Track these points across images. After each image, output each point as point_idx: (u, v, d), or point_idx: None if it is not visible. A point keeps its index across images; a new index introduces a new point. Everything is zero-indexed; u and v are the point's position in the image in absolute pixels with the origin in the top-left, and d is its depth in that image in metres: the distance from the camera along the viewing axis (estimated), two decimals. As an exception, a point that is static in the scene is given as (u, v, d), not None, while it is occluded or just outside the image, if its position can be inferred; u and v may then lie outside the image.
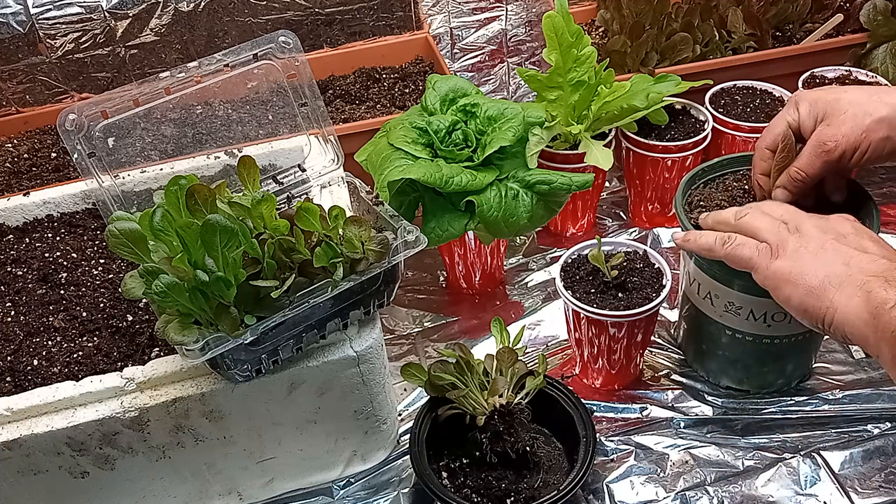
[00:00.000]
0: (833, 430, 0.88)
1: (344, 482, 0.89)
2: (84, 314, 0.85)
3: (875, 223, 0.80)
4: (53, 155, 1.26)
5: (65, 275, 0.90)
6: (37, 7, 1.25)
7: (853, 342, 0.67)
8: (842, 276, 0.67)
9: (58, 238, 0.95)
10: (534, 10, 1.43)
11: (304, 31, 1.38)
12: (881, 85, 1.16)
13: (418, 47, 1.42)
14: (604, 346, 0.91)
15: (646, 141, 1.10)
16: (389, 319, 1.08)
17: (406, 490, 0.87)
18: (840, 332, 0.67)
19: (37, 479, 0.76)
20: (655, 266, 0.92)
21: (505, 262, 1.14)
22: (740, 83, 1.20)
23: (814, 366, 0.95)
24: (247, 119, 0.97)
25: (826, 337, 0.97)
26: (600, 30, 1.42)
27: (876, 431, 0.87)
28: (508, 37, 1.45)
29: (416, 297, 1.12)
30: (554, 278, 0.99)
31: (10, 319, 0.85)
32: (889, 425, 0.88)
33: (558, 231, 1.20)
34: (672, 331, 1.02)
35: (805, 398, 0.91)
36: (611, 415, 0.93)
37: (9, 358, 0.81)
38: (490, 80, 1.47)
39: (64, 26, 1.27)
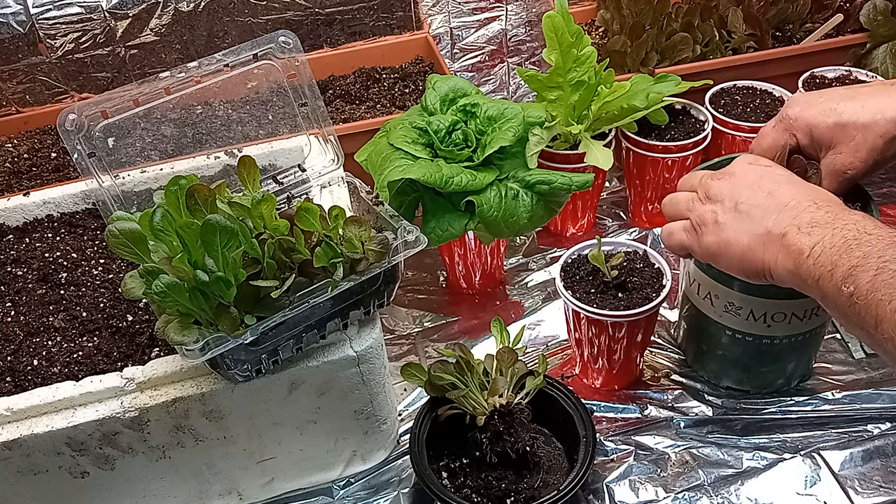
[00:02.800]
0: (833, 430, 0.88)
1: (344, 482, 0.89)
2: (84, 314, 0.85)
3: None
4: (53, 155, 1.26)
5: (65, 275, 0.90)
6: (37, 7, 1.25)
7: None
8: (762, 235, 0.70)
9: (58, 238, 0.95)
10: (534, 10, 1.43)
11: (304, 31, 1.38)
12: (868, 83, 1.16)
13: (418, 47, 1.42)
14: (604, 346, 0.91)
15: (646, 141, 1.10)
16: (389, 319, 1.08)
17: (406, 490, 0.87)
18: (784, 284, 0.70)
19: (37, 479, 0.76)
20: (655, 266, 0.92)
21: (505, 262, 1.14)
22: (740, 83, 1.20)
23: (814, 366, 0.95)
24: (247, 119, 0.97)
25: (826, 337, 0.97)
26: (600, 30, 1.42)
27: (876, 431, 0.87)
28: (508, 37, 1.45)
29: (416, 297, 1.12)
30: (554, 278, 0.99)
31: (10, 319, 0.85)
32: (889, 425, 0.88)
33: (558, 231, 1.20)
34: (672, 331, 1.02)
35: (805, 398, 0.91)
36: (611, 415, 0.93)
37: (9, 358, 0.81)
38: (490, 80, 1.47)
39: (64, 26, 1.27)
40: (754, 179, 0.74)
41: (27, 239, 0.95)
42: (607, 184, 1.27)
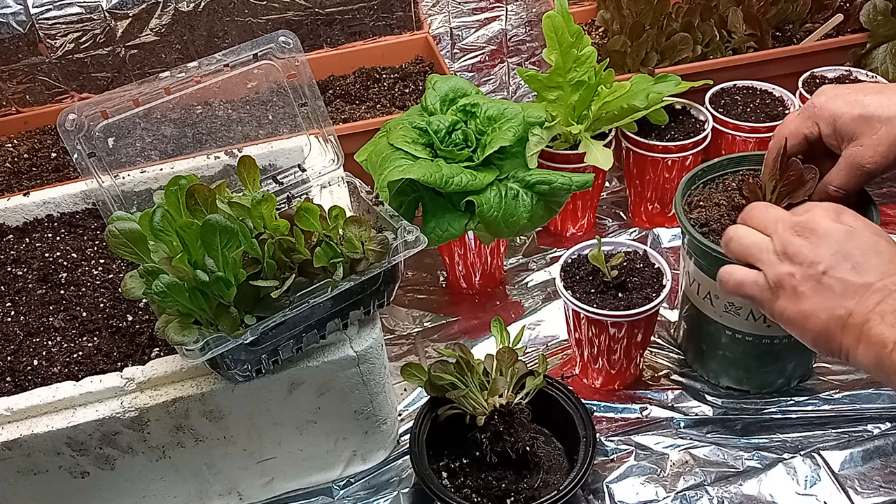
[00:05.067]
0: (833, 430, 0.88)
1: (344, 482, 0.89)
2: (84, 314, 0.85)
3: (875, 223, 0.80)
4: (53, 155, 1.26)
5: (65, 275, 0.90)
6: (37, 7, 1.25)
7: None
8: (843, 317, 0.65)
9: (58, 238, 0.95)
10: (534, 10, 1.43)
11: (304, 31, 1.38)
12: (883, 83, 1.16)
13: (418, 47, 1.42)
14: (604, 346, 0.91)
15: (646, 141, 1.10)
16: (389, 319, 1.08)
17: (406, 490, 0.87)
18: (863, 371, 0.67)
19: (37, 479, 0.76)
20: (655, 266, 0.92)
21: (505, 262, 1.14)
22: (740, 83, 1.20)
23: (814, 366, 0.95)
24: (247, 119, 0.97)
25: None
26: (600, 30, 1.42)
27: (876, 431, 0.87)
28: (508, 37, 1.45)
29: (416, 297, 1.12)
30: (554, 278, 0.99)
31: (10, 319, 0.85)
32: (889, 425, 0.88)
33: (558, 231, 1.20)
34: (672, 331, 1.02)
35: (805, 398, 0.91)
36: (611, 415, 0.93)
37: (9, 358, 0.81)
38: (490, 80, 1.47)
39: (64, 26, 1.27)
40: (839, 244, 0.68)
41: (27, 239, 0.95)
42: (607, 184, 1.27)
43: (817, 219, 0.70)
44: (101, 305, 0.86)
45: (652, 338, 0.97)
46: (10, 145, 1.30)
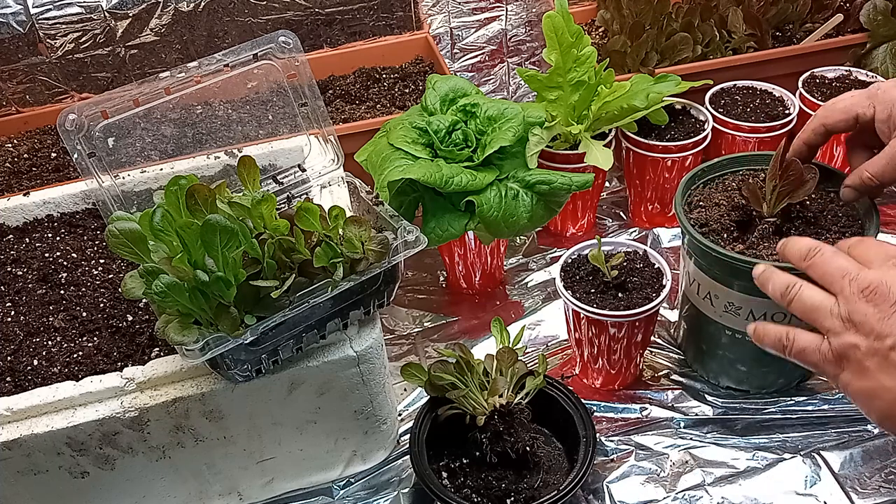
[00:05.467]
0: (833, 430, 0.88)
1: (344, 482, 0.89)
2: (84, 314, 0.85)
3: (875, 223, 0.80)
4: (53, 155, 1.26)
5: (65, 275, 0.90)
6: (37, 7, 1.25)
7: None
8: None
9: (58, 238, 0.95)
10: (534, 10, 1.43)
11: (304, 31, 1.38)
12: None
13: (418, 47, 1.42)
14: (604, 346, 0.91)
15: (646, 141, 1.10)
16: (389, 319, 1.08)
17: (406, 490, 0.87)
18: None
19: (37, 479, 0.76)
20: (655, 266, 0.92)
21: (505, 262, 1.14)
22: (740, 83, 1.20)
23: (814, 366, 0.95)
24: (247, 119, 0.97)
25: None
26: (600, 30, 1.42)
27: (876, 431, 0.87)
28: (508, 37, 1.45)
29: (416, 297, 1.12)
30: (554, 278, 0.99)
31: (10, 319, 0.85)
32: (889, 425, 0.88)
33: (558, 231, 1.20)
34: (672, 331, 1.02)
35: (805, 398, 0.91)
36: (611, 415, 0.93)
37: (9, 358, 0.81)
38: (490, 80, 1.47)
39: (64, 26, 1.27)
40: None
41: (27, 239, 0.95)
42: (607, 184, 1.27)
43: (890, 281, 0.63)
44: (101, 305, 0.86)
45: (652, 338, 0.97)
46: (10, 145, 1.30)
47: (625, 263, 0.92)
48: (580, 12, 1.45)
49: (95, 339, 0.83)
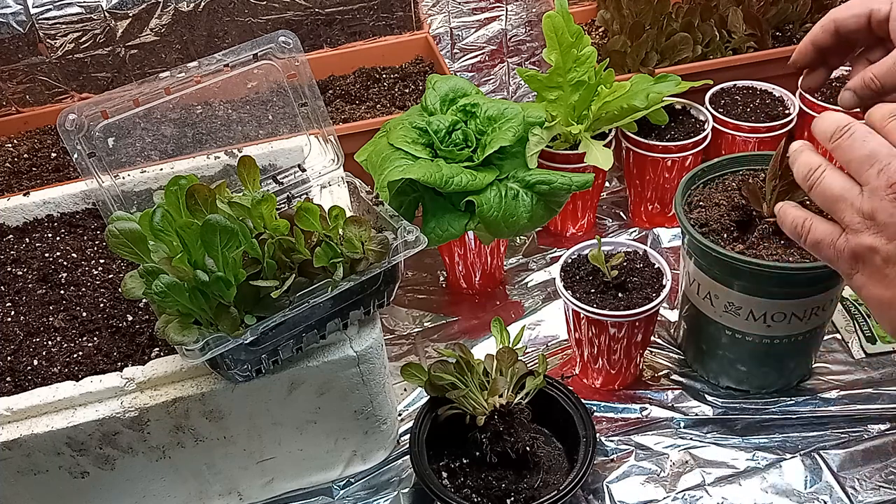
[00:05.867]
0: (833, 430, 0.88)
1: (344, 482, 0.89)
2: (84, 314, 0.85)
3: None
4: (53, 155, 1.26)
5: (65, 275, 0.90)
6: (37, 7, 1.25)
7: None
8: None
9: (58, 238, 0.95)
10: (534, 10, 1.43)
11: (304, 31, 1.38)
12: None
13: (418, 47, 1.42)
14: (604, 346, 0.91)
15: (646, 141, 1.10)
16: (389, 319, 1.08)
17: (406, 490, 0.87)
18: None
19: (37, 479, 0.76)
20: (655, 266, 0.92)
21: (505, 262, 1.14)
22: (740, 83, 1.20)
23: (814, 366, 0.95)
24: (247, 119, 0.97)
25: (826, 337, 0.97)
26: (600, 30, 1.42)
27: (876, 431, 0.87)
28: (508, 37, 1.45)
29: (416, 297, 1.12)
30: (554, 278, 0.99)
31: (10, 319, 0.85)
32: (889, 425, 0.88)
33: (558, 231, 1.20)
34: (672, 331, 1.02)
35: (805, 398, 0.91)
36: (611, 415, 0.93)
37: (9, 358, 0.81)
38: (490, 80, 1.47)
39: (64, 26, 1.27)
40: None
41: (27, 239, 0.95)
42: (607, 184, 1.27)
43: None
44: (101, 305, 0.86)
45: (652, 338, 0.97)
46: (10, 145, 1.30)
47: (625, 263, 0.92)
48: (580, 12, 1.45)
49: (95, 339, 0.83)
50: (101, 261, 0.92)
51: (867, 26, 0.72)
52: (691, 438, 0.89)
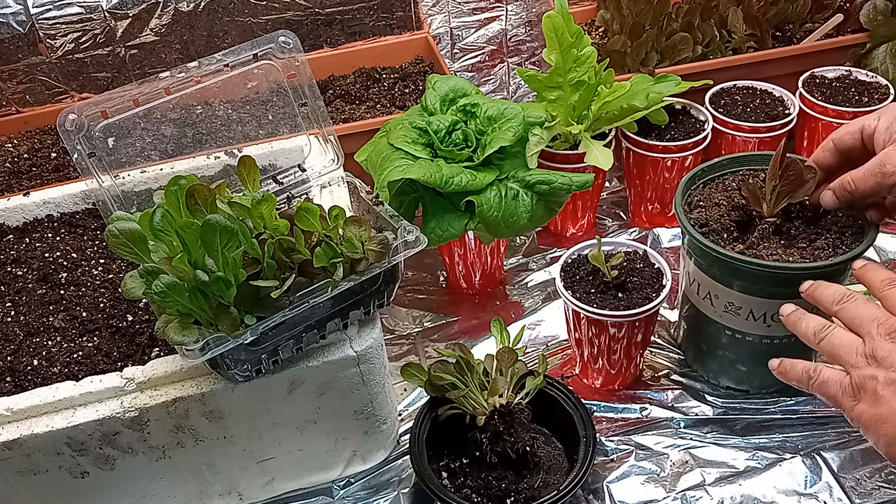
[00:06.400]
0: (833, 430, 0.88)
1: (344, 482, 0.89)
2: (84, 314, 0.85)
3: (874, 225, 0.81)
4: (53, 155, 1.26)
5: (65, 275, 0.90)
6: (37, 7, 1.25)
7: None
8: None
9: (58, 238, 0.95)
10: (534, 10, 1.43)
11: (304, 31, 1.38)
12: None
13: (418, 47, 1.42)
14: (604, 346, 0.91)
15: (646, 141, 1.10)
16: (389, 319, 1.08)
17: (406, 490, 0.87)
18: None
19: (37, 479, 0.76)
20: (655, 266, 0.92)
21: (505, 262, 1.14)
22: (740, 83, 1.20)
23: (814, 366, 0.95)
24: (247, 119, 0.97)
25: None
26: (600, 30, 1.42)
27: (876, 431, 0.87)
28: (508, 37, 1.45)
29: (416, 297, 1.12)
30: (554, 278, 0.99)
31: (10, 319, 0.85)
32: (889, 425, 0.88)
33: (558, 231, 1.20)
34: (672, 331, 1.02)
35: (805, 398, 0.91)
36: (611, 415, 0.93)
37: (9, 358, 0.81)
38: (490, 80, 1.47)
39: (64, 26, 1.27)
40: None
41: (27, 239, 0.95)
42: (607, 184, 1.27)
43: None
44: (101, 305, 0.86)
45: (652, 338, 0.97)
46: (10, 145, 1.30)
47: (625, 263, 0.92)
48: (580, 12, 1.45)
49: (95, 339, 0.83)
50: (101, 261, 0.92)
51: (861, 142, 0.79)
52: (691, 438, 0.89)
